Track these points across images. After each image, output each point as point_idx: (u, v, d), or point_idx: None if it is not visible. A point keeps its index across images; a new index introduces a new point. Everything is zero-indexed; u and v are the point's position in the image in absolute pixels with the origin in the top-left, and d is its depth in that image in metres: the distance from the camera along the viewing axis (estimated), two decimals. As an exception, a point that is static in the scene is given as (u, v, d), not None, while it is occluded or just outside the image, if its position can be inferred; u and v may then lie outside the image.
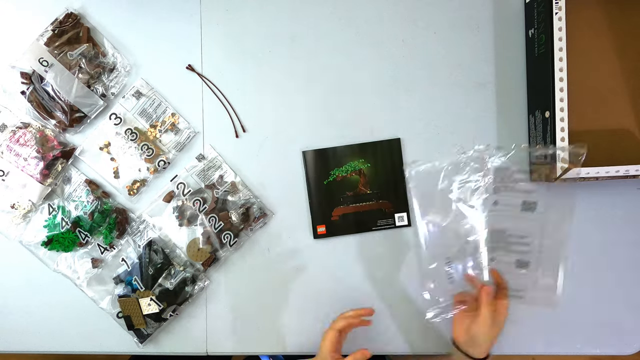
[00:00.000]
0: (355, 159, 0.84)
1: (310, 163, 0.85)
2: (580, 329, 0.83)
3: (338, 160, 0.84)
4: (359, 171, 0.84)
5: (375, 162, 0.84)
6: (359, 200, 0.84)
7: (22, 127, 0.82)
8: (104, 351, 0.86)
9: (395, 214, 0.84)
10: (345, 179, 0.84)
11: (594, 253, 0.83)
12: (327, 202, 0.84)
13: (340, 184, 0.84)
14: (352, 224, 0.84)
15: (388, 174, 0.84)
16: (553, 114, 0.73)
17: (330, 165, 0.84)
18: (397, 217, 0.85)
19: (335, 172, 0.84)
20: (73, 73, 0.81)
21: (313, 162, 0.85)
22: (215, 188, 0.84)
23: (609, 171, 0.72)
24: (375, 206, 0.84)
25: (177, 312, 0.83)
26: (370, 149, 0.84)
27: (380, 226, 0.85)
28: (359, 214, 0.84)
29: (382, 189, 0.84)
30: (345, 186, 0.84)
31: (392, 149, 0.84)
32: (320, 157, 0.84)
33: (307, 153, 0.84)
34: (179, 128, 0.84)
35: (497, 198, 0.77)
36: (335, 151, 0.84)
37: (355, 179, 0.84)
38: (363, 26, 0.85)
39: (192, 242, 0.84)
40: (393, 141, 0.84)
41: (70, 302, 0.85)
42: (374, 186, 0.84)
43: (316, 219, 0.85)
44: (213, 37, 0.85)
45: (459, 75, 0.84)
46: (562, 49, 0.72)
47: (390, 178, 0.84)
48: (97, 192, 0.83)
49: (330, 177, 0.84)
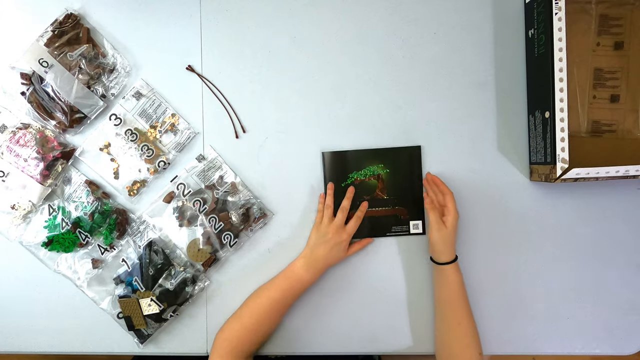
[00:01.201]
0: (375, 163, 0.84)
1: (329, 164, 0.85)
2: (580, 329, 0.83)
3: (357, 163, 0.84)
4: (377, 176, 0.84)
5: (395, 168, 0.84)
6: (375, 205, 0.84)
7: (22, 128, 0.82)
8: (104, 352, 0.86)
9: (411, 222, 0.85)
10: (364, 183, 0.85)
11: (594, 253, 0.83)
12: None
13: (358, 187, 0.84)
14: (366, 228, 0.84)
15: (406, 181, 0.84)
16: (553, 114, 0.73)
17: (349, 168, 0.85)
18: (412, 225, 0.85)
19: (354, 175, 0.84)
20: (73, 74, 0.81)
21: (331, 163, 0.85)
22: (215, 189, 0.84)
23: (609, 171, 0.72)
24: (391, 212, 0.85)
25: (178, 313, 0.83)
26: (391, 154, 0.84)
27: (394, 232, 0.85)
28: (374, 218, 0.85)
29: (399, 195, 0.84)
30: (363, 190, 0.85)
31: (413, 156, 0.84)
32: (339, 159, 0.85)
33: (326, 154, 0.85)
34: (179, 129, 0.84)
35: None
36: (355, 155, 0.85)
37: (373, 184, 0.85)
38: (363, 26, 0.85)
39: (192, 242, 0.84)
40: (414, 149, 0.84)
41: (70, 303, 0.85)
42: (391, 192, 0.84)
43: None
44: (213, 37, 0.85)
45: (459, 75, 0.84)
46: (562, 49, 0.72)
47: (408, 185, 0.84)
48: (97, 193, 0.83)
49: (349, 180, 0.85)
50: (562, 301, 0.83)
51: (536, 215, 0.83)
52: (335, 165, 0.85)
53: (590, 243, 0.83)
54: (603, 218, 0.83)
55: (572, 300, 0.83)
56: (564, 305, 0.83)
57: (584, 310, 0.83)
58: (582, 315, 0.83)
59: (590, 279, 0.83)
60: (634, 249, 0.83)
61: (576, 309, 0.83)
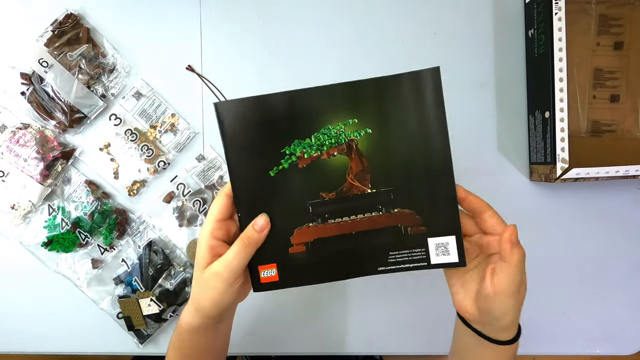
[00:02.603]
0: (340, 116, 0.44)
1: (234, 127, 0.43)
2: (580, 329, 0.83)
3: (305, 123, 0.43)
4: (347, 144, 0.44)
5: (386, 124, 0.43)
6: (347, 211, 0.44)
7: (22, 128, 0.82)
8: (104, 352, 0.86)
9: (430, 239, 0.45)
10: (319, 164, 0.44)
11: (594, 253, 0.83)
12: (279, 215, 0.45)
13: (306, 175, 0.44)
14: (334, 262, 0.47)
15: (414, 151, 0.44)
16: (553, 114, 0.73)
17: (284, 136, 0.43)
18: (432, 246, 0.45)
19: (295, 149, 0.44)
20: (73, 74, 0.81)
21: (242, 125, 0.43)
22: (215, 188, 0.84)
23: (609, 171, 0.72)
24: (385, 221, 0.45)
25: (177, 313, 0.83)
26: (378, 95, 0.44)
27: (396, 262, 0.45)
28: (349, 239, 0.45)
29: (400, 183, 0.44)
30: (319, 179, 0.44)
31: (424, 92, 0.44)
32: (260, 113, 0.43)
33: (224, 105, 0.43)
34: (178, 129, 0.84)
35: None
36: (294, 100, 0.44)
37: (339, 163, 0.44)
38: (363, 26, 0.85)
39: (192, 242, 0.84)
40: (424, 74, 0.44)
41: (70, 303, 0.85)
42: (381, 177, 0.44)
43: (256, 254, 0.45)
44: (213, 37, 0.85)
45: (459, 75, 0.84)
46: (562, 49, 0.72)
47: (418, 159, 0.44)
48: (97, 193, 0.83)
49: (285, 163, 0.44)
50: (562, 301, 0.83)
51: (536, 215, 0.83)
52: (248, 128, 0.43)
53: (590, 243, 0.83)
54: (603, 218, 0.83)
55: (572, 300, 0.83)
56: (564, 305, 0.83)
57: (584, 310, 0.83)
58: (582, 315, 0.83)
59: (590, 278, 0.83)
60: (634, 248, 0.83)
61: (576, 309, 0.83)
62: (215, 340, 0.56)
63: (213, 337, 0.55)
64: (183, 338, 0.55)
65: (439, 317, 0.79)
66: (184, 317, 0.53)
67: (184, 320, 0.53)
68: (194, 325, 0.52)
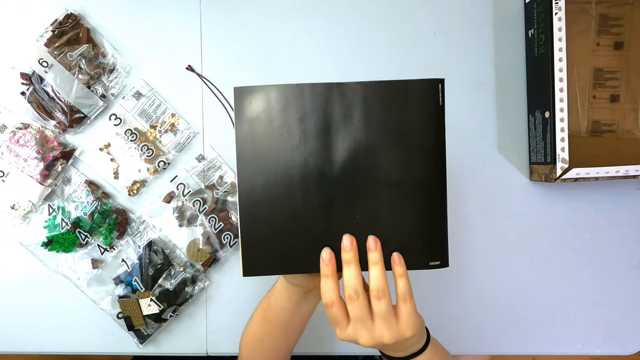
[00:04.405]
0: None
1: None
2: (580, 329, 0.83)
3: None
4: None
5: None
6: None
7: (22, 128, 0.82)
8: (104, 352, 0.86)
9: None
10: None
11: (594, 253, 0.83)
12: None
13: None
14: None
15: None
16: (553, 114, 0.73)
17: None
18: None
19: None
20: (73, 74, 0.81)
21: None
22: (215, 188, 0.84)
23: (609, 171, 0.72)
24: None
25: (177, 313, 0.83)
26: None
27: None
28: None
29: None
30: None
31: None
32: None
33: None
34: (178, 129, 0.84)
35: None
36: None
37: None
38: (363, 26, 0.85)
39: (192, 242, 0.84)
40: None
41: (70, 303, 0.85)
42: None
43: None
44: (213, 37, 0.85)
45: (459, 75, 0.84)
46: (562, 49, 0.72)
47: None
48: (97, 193, 0.83)
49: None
50: (562, 301, 0.83)
51: (536, 215, 0.83)
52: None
53: (590, 243, 0.83)
54: (603, 218, 0.83)
55: (572, 299, 0.83)
56: (564, 305, 0.83)
57: (584, 310, 0.83)
58: (582, 315, 0.83)
59: (590, 278, 0.83)
60: (634, 249, 0.83)
61: (576, 309, 0.83)
62: (295, 314, 0.64)
63: (297, 309, 0.63)
64: (270, 303, 0.64)
65: (439, 317, 0.79)
66: (276, 285, 0.64)
67: (276, 287, 0.63)
68: (285, 287, 0.61)
